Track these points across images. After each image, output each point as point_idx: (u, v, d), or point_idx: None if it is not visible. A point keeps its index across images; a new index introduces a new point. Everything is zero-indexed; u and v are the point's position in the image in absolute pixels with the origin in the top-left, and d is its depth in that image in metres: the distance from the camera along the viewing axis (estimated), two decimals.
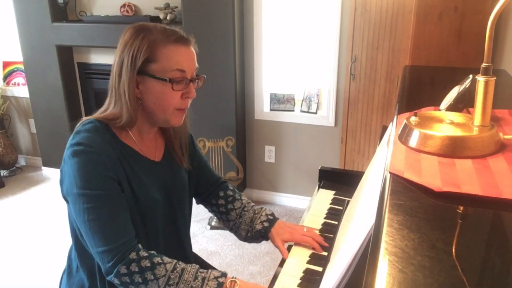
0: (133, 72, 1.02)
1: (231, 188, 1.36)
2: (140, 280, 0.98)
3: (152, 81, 1.03)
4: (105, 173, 1.00)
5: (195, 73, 1.09)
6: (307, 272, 1.08)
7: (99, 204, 0.98)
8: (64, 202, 1.08)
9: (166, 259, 1.02)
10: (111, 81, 1.06)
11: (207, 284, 0.99)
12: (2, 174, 3.63)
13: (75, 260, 1.16)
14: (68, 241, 1.17)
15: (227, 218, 1.31)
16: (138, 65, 1.02)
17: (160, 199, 1.14)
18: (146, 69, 1.03)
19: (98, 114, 1.08)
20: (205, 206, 1.37)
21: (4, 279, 2.40)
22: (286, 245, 1.21)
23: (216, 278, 1.00)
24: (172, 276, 0.99)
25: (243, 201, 1.33)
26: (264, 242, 1.28)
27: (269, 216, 1.27)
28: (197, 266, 1.03)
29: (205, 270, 1.03)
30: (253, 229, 1.26)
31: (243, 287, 1.02)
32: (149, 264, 0.99)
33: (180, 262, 1.03)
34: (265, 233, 1.24)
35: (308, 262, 1.12)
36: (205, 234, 2.76)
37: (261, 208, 1.31)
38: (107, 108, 1.08)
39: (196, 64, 1.09)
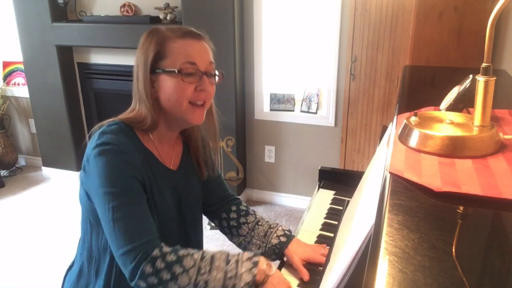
0: (146, 71, 1.03)
1: (245, 204, 1.30)
2: (168, 276, 0.92)
3: (164, 76, 1.03)
4: (133, 173, 0.99)
5: (212, 70, 1.08)
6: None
7: (125, 202, 0.97)
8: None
9: (192, 250, 0.98)
10: (133, 86, 1.08)
11: (242, 265, 0.95)
12: (2, 174, 3.63)
13: (80, 261, 1.15)
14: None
15: (238, 233, 1.23)
16: (149, 63, 1.02)
17: (173, 209, 1.13)
18: (157, 66, 1.03)
19: (123, 115, 1.08)
20: (212, 219, 1.31)
21: (4, 279, 2.40)
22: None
23: (249, 258, 0.97)
24: (202, 265, 0.94)
25: (257, 216, 1.26)
26: None
27: (286, 231, 1.18)
28: (227, 251, 1.00)
29: (235, 253, 0.99)
30: (267, 243, 1.17)
31: (276, 275, 0.98)
32: (175, 258, 0.94)
33: (207, 250, 0.99)
34: (281, 249, 1.14)
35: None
36: (205, 234, 2.76)
37: (277, 223, 1.22)
38: (132, 111, 1.08)
39: (211, 59, 1.08)
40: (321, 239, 1.22)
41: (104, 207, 0.97)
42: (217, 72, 1.11)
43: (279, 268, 1.11)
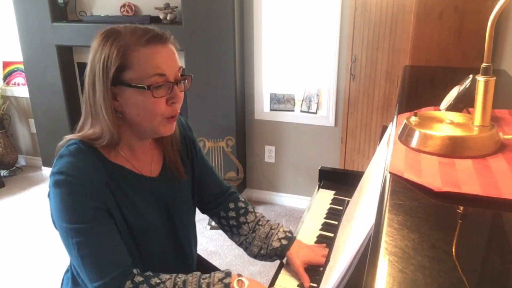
0: (107, 83, 0.92)
1: (243, 199, 1.26)
2: None
3: (130, 90, 0.93)
4: (92, 204, 0.93)
5: (179, 74, 0.98)
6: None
7: (89, 237, 0.92)
8: None
9: (164, 276, 0.98)
10: (85, 95, 0.96)
11: None
12: (2, 174, 3.63)
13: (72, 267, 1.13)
14: None
15: (238, 232, 1.21)
16: (111, 75, 0.91)
17: (158, 220, 1.08)
18: (121, 78, 0.92)
19: (79, 132, 0.99)
20: (211, 217, 1.28)
21: (4, 279, 2.40)
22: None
23: (221, 280, 0.97)
24: None
25: (257, 215, 1.22)
26: None
27: (287, 234, 1.17)
28: (199, 273, 0.99)
29: (207, 275, 0.98)
30: (269, 246, 1.15)
31: (252, 286, 0.98)
32: None
33: (180, 275, 0.98)
34: (282, 252, 1.13)
35: None
36: (205, 234, 2.76)
37: (278, 224, 1.20)
38: (83, 125, 0.99)
39: (179, 64, 0.98)
40: (321, 239, 1.22)
41: (68, 242, 0.94)
42: (186, 76, 1.01)
43: (279, 269, 1.12)
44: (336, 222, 1.29)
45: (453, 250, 0.52)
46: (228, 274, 0.99)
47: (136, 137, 1.03)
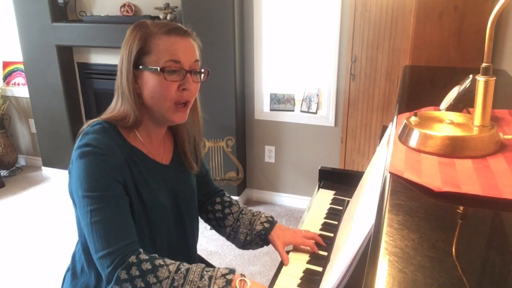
0: (129, 66, 1.02)
1: (228, 195, 1.35)
2: (142, 284, 0.94)
3: (147, 73, 1.02)
4: (112, 175, 0.99)
5: (197, 67, 1.07)
6: (307, 272, 1.08)
7: (103, 206, 0.97)
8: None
9: (169, 260, 0.99)
10: (116, 81, 1.07)
11: (214, 282, 0.95)
12: (2, 174, 3.63)
13: (79, 262, 1.15)
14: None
15: (224, 224, 1.28)
16: (133, 58, 1.02)
17: (168, 204, 1.13)
18: (140, 61, 1.02)
19: (105, 115, 1.08)
20: (200, 214, 1.34)
21: (4, 279, 2.40)
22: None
23: (224, 275, 0.97)
24: (176, 278, 0.95)
25: (240, 206, 1.31)
26: None
27: (268, 218, 1.25)
28: (203, 265, 1.01)
29: (211, 269, 1.00)
30: (253, 231, 1.23)
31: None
32: (150, 267, 0.95)
33: (184, 263, 1.00)
34: (265, 235, 1.21)
35: (308, 262, 1.12)
36: (205, 234, 2.76)
37: (259, 211, 1.28)
38: (115, 108, 1.07)
39: (197, 57, 1.07)
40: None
41: (83, 210, 0.98)
42: (202, 70, 1.09)
43: (279, 269, 1.12)
44: (336, 222, 1.29)
45: (453, 250, 0.52)
46: (232, 271, 0.99)
47: (153, 122, 1.10)
